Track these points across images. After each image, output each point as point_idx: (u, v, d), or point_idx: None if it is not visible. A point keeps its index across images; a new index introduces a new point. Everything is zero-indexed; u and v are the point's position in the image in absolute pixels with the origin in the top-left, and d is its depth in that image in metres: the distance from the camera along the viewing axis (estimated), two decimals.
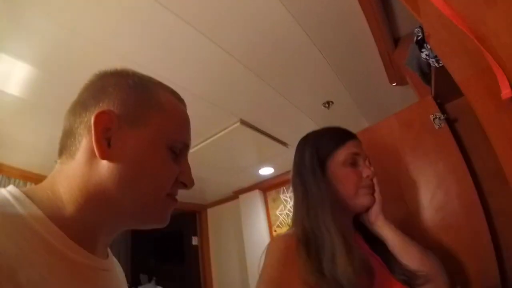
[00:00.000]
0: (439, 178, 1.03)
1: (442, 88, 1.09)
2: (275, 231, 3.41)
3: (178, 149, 0.49)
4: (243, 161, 2.93)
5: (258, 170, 3.24)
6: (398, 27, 1.48)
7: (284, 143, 2.59)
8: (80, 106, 0.46)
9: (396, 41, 1.57)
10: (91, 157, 0.43)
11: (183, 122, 0.53)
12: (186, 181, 0.51)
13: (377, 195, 0.81)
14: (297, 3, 1.25)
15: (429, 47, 0.85)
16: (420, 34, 0.87)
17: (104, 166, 0.43)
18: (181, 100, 0.55)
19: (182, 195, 0.51)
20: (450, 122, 1.11)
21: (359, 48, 1.60)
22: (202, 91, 1.73)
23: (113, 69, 0.50)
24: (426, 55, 0.90)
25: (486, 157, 1.00)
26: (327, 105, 2.09)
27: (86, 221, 0.42)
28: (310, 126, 2.39)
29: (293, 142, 2.92)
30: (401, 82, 1.92)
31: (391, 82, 1.97)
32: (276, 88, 1.81)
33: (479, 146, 1.04)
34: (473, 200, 0.93)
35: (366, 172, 0.80)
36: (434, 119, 1.11)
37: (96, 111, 0.43)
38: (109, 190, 0.43)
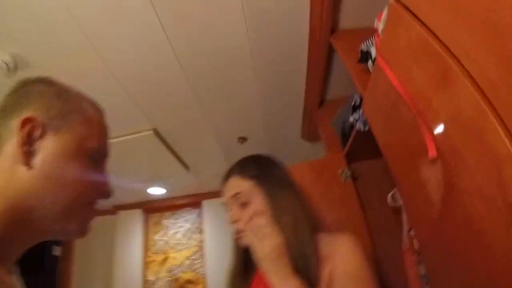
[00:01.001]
0: (341, 223, 1.22)
1: (354, 150, 1.33)
2: (149, 256, 3.21)
3: (98, 158, 0.51)
4: (137, 174, 2.75)
5: (147, 188, 3.08)
6: (327, 91, 1.74)
7: (186, 166, 2.58)
8: (4, 112, 0.47)
9: (320, 102, 1.83)
10: (13, 163, 0.43)
11: (104, 132, 0.55)
12: (105, 191, 0.52)
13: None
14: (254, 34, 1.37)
15: (361, 112, 1.06)
16: (358, 101, 1.07)
17: (26, 173, 0.43)
18: (100, 111, 0.57)
19: None
20: (353, 179, 1.34)
21: (290, 97, 1.82)
22: (131, 85, 1.63)
23: (36, 77, 0.52)
24: (355, 119, 1.10)
25: (378, 212, 1.25)
26: (241, 140, 2.22)
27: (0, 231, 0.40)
28: (218, 157, 2.47)
29: (196, 168, 2.99)
30: (311, 139, 2.22)
31: (302, 137, 2.25)
32: (203, 108, 1.85)
33: (373, 203, 1.29)
34: (367, 243, 1.14)
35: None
36: (341, 173, 1.33)
37: (21, 117, 0.44)
38: (29, 198, 0.42)
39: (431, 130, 0.61)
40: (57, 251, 3.50)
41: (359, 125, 1.08)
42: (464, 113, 0.52)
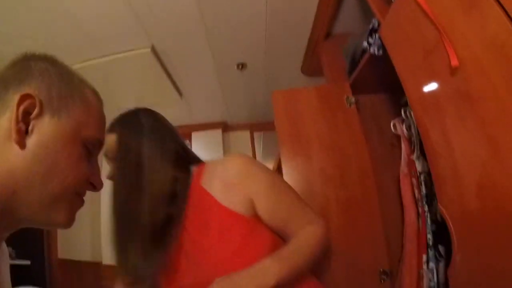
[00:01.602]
0: (342, 145, 1.38)
1: (360, 80, 1.45)
2: None
3: (92, 147, 0.50)
4: (127, 96, 2.68)
5: None
6: (335, 23, 1.79)
7: (180, 93, 2.59)
8: (1, 83, 0.45)
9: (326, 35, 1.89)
10: (5, 139, 0.42)
11: (102, 122, 0.54)
12: (95, 182, 0.51)
13: None
14: None
15: (377, 36, 1.15)
16: (376, 25, 1.16)
17: (17, 153, 0.41)
18: (101, 101, 0.56)
19: None
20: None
21: (296, 25, 1.85)
22: None
23: (42, 54, 0.51)
24: (369, 43, 1.20)
25: (376, 142, 1.43)
26: (240, 66, 2.27)
27: None
28: (214, 85, 2.52)
29: (189, 95, 3.02)
30: (311, 73, 2.31)
31: (302, 70, 2.33)
32: (207, 28, 1.85)
33: (372, 134, 1.46)
34: (367, 167, 1.34)
35: None
36: (346, 99, 1.46)
37: (19, 92, 0.43)
38: (16, 179, 0.41)
39: (454, 46, 0.73)
40: None
41: (373, 49, 1.18)
42: (488, 30, 0.63)
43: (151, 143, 0.83)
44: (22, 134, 0.42)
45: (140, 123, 0.86)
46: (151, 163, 0.80)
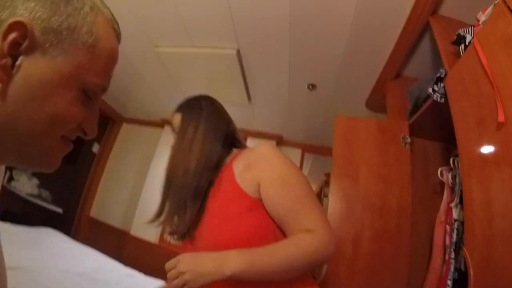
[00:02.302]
0: (389, 177, 1.50)
1: (419, 123, 1.56)
2: None
3: (93, 94, 0.46)
4: (195, 90, 2.94)
5: None
6: (406, 66, 1.93)
7: (249, 97, 2.83)
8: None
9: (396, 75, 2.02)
10: None
11: (111, 64, 0.48)
12: (87, 129, 0.48)
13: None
14: None
15: (442, 85, 1.28)
16: (443, 74, 1.29)
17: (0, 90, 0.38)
18: (117, 34, 0.50)
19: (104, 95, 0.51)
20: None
21: (370, 61, 2.02)
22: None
23: None
24: (434, 90, 1.32)
25: (420, 186, 1.53)
26: (311, 87, 2.48)
27: None
28: (282, 97, 2.73)
29: (256, 103, 3.25)
30: (374, 108, 2.43)
31: (366, 103, 2.47)
32: (291, 45, 2.06)
33: (418, 177, 1.56)
34: (407, 203, 1.45)
35: None
36: (402, 138, 1.58)
37: (13, 16, 0.38)
38: None
39: (504, 103, 0.85)
40: (96, 148, 3.95)
41: (436, 96, 1.30)
42: None
43: (207, 123, 1.00)
44: (5, 71, 0.37)
45: (201, 106, 1.05)
46: (204, 137, 0.97)
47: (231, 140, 1.06)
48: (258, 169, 0.88)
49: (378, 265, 1.37)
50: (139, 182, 3.64)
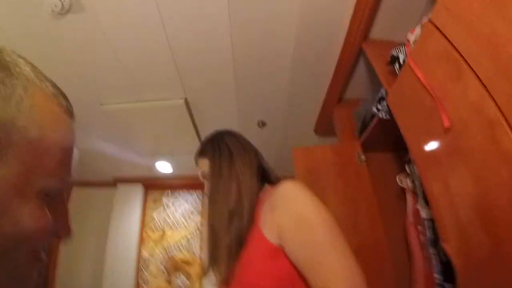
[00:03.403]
0: (354, 197, 1.56)
1: (369, 139, 1.67)
2: (145, 232, 3.46)
3: (55, 192, 0.37)
4: (147, 144, 2.96)
5: (154, 162, 3.32)
6: (346, 90, 2.08)
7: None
8: None
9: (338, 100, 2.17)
10: None
11: (67, 153, 0.38)
12: (61, 233, 0.40)
13: None
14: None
15: (385, 103, 1.39)
16: (384, 94, 1.41)
17: None
18: (67, 109, 0.39)
19: None
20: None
21: (314, 91, 2.15)
22: (180, 52, 1.83)
23: None
24: (378, 109, 1.44)
25: (384, 195, 1.60)
26: (261, 124, 2.54)
27: None
28: None
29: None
30: (322, 133, 2.56)
31: (315, 131, 2.59)
32: (237, 87, 2.14)
33: (380, 187, 1.64)
34: (376, 217, 1.50)
35: None
36: (358, 157, 1.67)
37: None
38: None
39: (446, 110, 0.95)
40: None
41: (381, 114, 1.41)
42: (470, 97, 0.85)
43: (239, 160, 0.97)
44: None
45: (227, 144, 1.01)
46: (242, 176, 0.93)
47: (263, 173, 1.02)
48: (277, 210, 0.79)
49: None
50: (100, 248, 3.40)
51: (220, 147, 1.01)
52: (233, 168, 0.95)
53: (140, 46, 1.80)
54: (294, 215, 0.77)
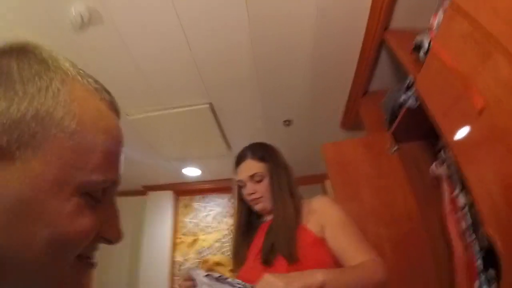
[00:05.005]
0: (388, 187, 1.57)
1: (400, 129, 1.67)
2: (178, 238, 3.55)
3: (100, 191, 0.35)
4: (174, 151, 3.03)
5: (182, 168, 3.41)
6: (371, 82, 2.09)
7: (229, 146, 2.91)
8: None
9: (364, 92, 2.18)
10: None
11: (113, 147, 0.36)
12: (110, 237, 0.38)
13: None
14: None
15: (413, 91, 1.40)
16: (411, 82, 1.42)
17: None
18: (111, 103, 0.39)
19: None
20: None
21: (337, 85, 2.17)
22: (202, 59, 1.88)
23: (14, 44, 0.34)
24: (407, 97, 1.44)
25: (418, 184, 1.60)
26: (287, 123, 2.57)
27: None
28: (260, 140, 2.79)
29: (237, 149, 3.23)
30: (349, 128, 2.57)
31: (341, 126, 2.60)
32: (260, 88, 2.19)
33: (413, 176, 1.64)
34: (413, 206, 1.50)
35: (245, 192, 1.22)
36: (389, 148, 1.68)
37: None
38: None
39: (478, 90, 0.96)
40: None
41: (410, 102, 1.42)
42: (502, 74, 0.86)
43: (292, 175, 1.22)
44: None
45: (281, 158, 1.26)
46: (295, 188, 1.18)
47: None
48: (321, 213, 1.09)
49: (406, 271, 1.39)
50: (135, 256, 3.52)
51: (277, 158, 1.25)
52: (289, 176, 1.20)
53: (161, 53, 1.86)
54: (338, 217, 1.07)
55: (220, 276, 0.86)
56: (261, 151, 1.25)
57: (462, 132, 1.08)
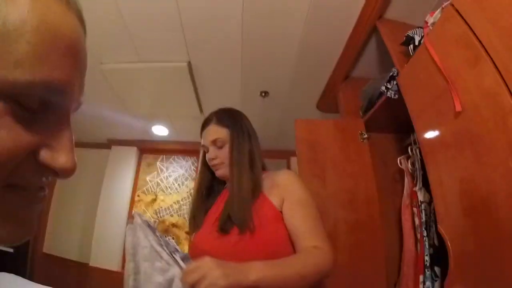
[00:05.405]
0: (353, 173, 1.61)
1: (373, 119, 1.71)
2: (138, 195, 3.51)
3: (37, 101, 0.27)
4: (144, 106, 2.92)
5: (151, 126, 3.33)
6: (354, 68, 2.09)
7: (201, 109, 2.84)
8: None
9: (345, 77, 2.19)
10: None
11: (54, 46, 0.28)
12: (55, 164, 0.30)
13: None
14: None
15: (394, 83, 1.42)
16: (396, 73, 1.43)
17: None
18: (68, 3, 0.32)
19: None
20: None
21: (321, 65, 2.15)
22: (187, 14, 1.79)
23: None
24: (387, 88, 1.46)
25: (382, 174, 1.66)
26: (264, 94, 2.55)
27: None
28: (235, 107, 2.76)
29: (208, 113, 3.20)
30: (325, 109, 2.59)
31: (317, 106, 2.62)
32: (243, 54, 2.12)
33: (379, 167, 1.69)
34: (374, 194, 1.56)
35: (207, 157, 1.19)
36: (360, 134, 1.71)
37: None
38: None
39: (459, 94, 0.98)
40: None
41: (390, 93, 1.45)
42: (485, 83, 0.89)
43: (256, 144, 1.18)
44: None
45: (246, 126, 1.20)
46: (257, 158, 1.14)
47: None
48: (283, 187, 1.07)
49: (357, 255, 1.46)
50: (91, 208, 3.47)
51: (241, 125, 1.19)
52: (253, 145, 1.16)
53: (147, 5, 1.75)
54: (298, 194, 1.06)
55: (154, 227, 0.97)
56: (227, 116, 1.21)
57: (435, 132, 1.12)
